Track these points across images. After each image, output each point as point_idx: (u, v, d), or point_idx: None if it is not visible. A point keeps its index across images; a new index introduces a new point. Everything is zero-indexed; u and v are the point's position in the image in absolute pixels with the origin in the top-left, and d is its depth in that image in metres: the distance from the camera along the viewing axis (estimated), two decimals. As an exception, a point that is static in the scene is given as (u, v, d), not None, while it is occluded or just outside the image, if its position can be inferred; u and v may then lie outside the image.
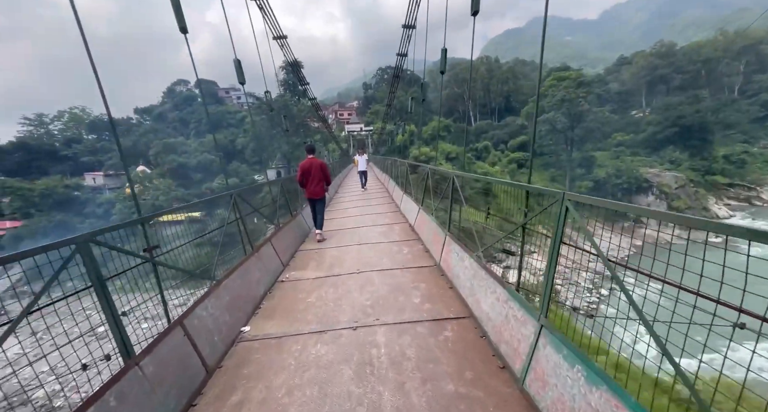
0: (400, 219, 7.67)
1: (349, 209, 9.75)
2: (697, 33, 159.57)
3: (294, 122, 44.42)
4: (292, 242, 6.00)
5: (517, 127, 49.86)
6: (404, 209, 8.18)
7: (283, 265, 5.02)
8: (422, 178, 6.83)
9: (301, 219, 7.16)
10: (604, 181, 35.71)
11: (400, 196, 9.23)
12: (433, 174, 6.05)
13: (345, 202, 11.27)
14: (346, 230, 7.02)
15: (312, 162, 6.14)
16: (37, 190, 31.65)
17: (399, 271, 4.49)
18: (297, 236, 6.34)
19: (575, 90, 37.90)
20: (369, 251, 5.42)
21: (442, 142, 40.92)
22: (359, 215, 8.58)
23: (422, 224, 5.97)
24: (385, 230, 6.65)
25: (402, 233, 6.35)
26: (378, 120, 59.01)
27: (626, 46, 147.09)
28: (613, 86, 55.19)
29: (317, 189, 6.22)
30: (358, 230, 6.94)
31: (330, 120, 66.79)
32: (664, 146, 40.04)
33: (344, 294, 3.90)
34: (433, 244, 5.06)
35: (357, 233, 6.60)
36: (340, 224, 7.78)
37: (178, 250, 2.99)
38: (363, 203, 10.62)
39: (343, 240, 6.28)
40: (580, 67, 77.37)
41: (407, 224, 6.98)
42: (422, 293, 3.80)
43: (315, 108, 18.29)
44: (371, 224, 7.42)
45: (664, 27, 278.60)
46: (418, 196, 7.25)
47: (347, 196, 12.74)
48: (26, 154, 45.25)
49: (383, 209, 9.34)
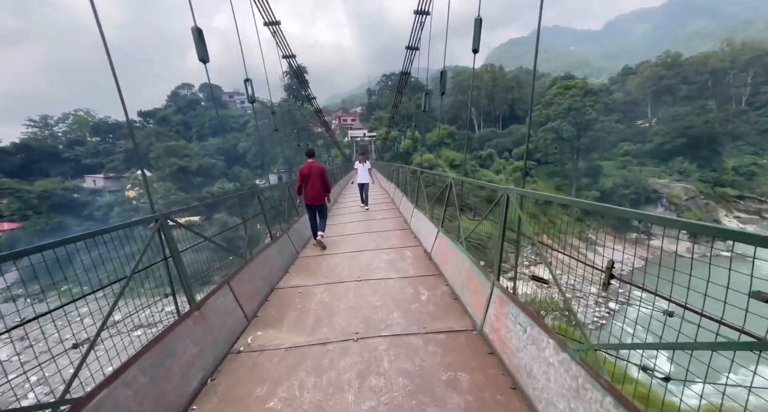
0: (410, 240, 6.22)
1: (349, 225, 8.23)
2: (702, 44, 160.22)
3: (297, 127, 44.23)
4: (267, 277, 4.34)
5: (522, 135, 49.43)
6: (416, 227, 6.66)
7: (248, 319, 3.41)
8: (438, 189, 6.21)
9: (287, 240, 5.68)
10: (611, 191, 35.03)
11: (409, 210, 7.74)
12: (455, 186, 4.65)
13: (343, 216, 9.64)
14: (341, 255, 5.55)
15: (311, 166, 5.86)
16: (36, 192, 31.34)
17: (415, 338, 2.91)
18: (275, 267, 4.73)
19: (582, 98, 37.45)
20: (372, 294, 3.87)
21: (445, 149, 40.51)
22: (360, 233, 7.14)
23: (444, 255, 4.50)
24: (394, 258, 5.18)
25: (417, 263, 4.86)
26: (381, 126, 58.86)
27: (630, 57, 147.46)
28: (618, 96, 54.82)
29: (317, 195, 5.92)
30: (358, 256, 5.44)
31: (333, 125, 66.73)
32: (672, 157, 39.41)
33: (331, 397, 2.25)
34: (466, 289, 3.48)
35: (356, 261, 5.16)
36: (334, 244, 6.37)
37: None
38: (364, 218, 9.01)
39: (336, 270, 4.84)
40: (585, 76, 77.25)
41: (421, 249, 5.55)
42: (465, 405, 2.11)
43: (317, 113, 17.85)
44: (374, 247, 5.90)
45: (668, 38, 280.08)
46: (435, 213, 6.12)
47: (346, 210, 11.04)
48: (28, 155, 45.20)
49: (389, 224, 7.90)
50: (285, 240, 5.60)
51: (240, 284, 3.59)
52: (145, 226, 2.62)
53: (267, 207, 5.42)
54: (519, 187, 2.75)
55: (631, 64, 70.15)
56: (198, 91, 58.18)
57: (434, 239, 5.09)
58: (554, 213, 35.58)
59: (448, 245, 4.38)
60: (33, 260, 1.70)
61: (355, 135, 59.07)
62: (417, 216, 6.80)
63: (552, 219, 34.59)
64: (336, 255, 5.60)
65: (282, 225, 6.18)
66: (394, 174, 12.80)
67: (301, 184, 5.88)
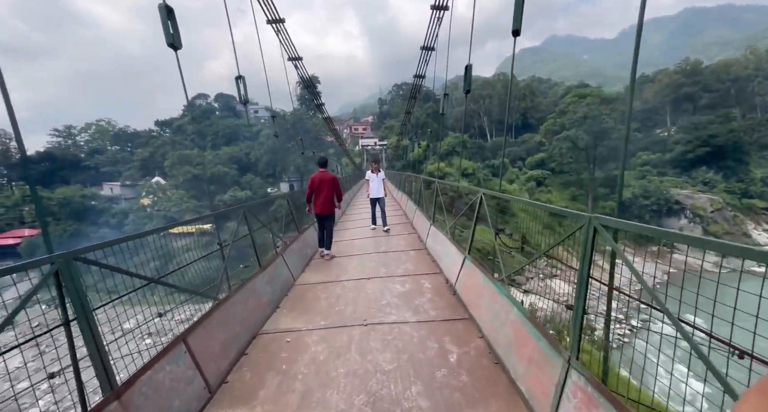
0: (427, 264, 5.23)
1: (356, 242, 7.26)
2: (721, 52, 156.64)
3: (308, 136, 44.59)
4: (249, 320, 3.37)
5: (535, 144, 48.62)
6: (434, 249, 5.65)
7: (210, 390, 2.45)
8: (460, 203, 5.57)
9: (280, 265, 4.74)
10: (630, 202, 33.71)
11: (425, 227, 6.73)
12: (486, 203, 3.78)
13: (350, 231, 8.57)
14: (345, 284, 4.63)
15: (323, 176, 5.82)
16: (56, 199, 32.21)
17: None
18: (261, 303, 3.74)
19: (598, 107, 36.57)
20: (382, 349, 2.91)
21: (457, 158, 39.94)
22: (369, 253, 6.17)
23: (475, 293, 3.46)
24: (409, 290, 4.21)
25: (438, 299, 3.86)
26: (392, 135, 58.93)
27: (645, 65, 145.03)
28: (635, 105, 53.46)
29: (326, 204, 5.85)
30: (366, 285, 4.48)
31: (345, 135, 67.22)
32: (695, 166, 37.83)
33: None
34: (513, 352, 2.48)
35: (363, 293, 4.20)
36: (337, 266, 5.43)
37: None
38: (373, 234, 7.92)
39: (337, 306, 3.87)
40: (598, 85, 76.08)
41: (441, 277, 4.56)
42: None
43: (328, 122, 17.76)
44: (385, 272, 4.93)
45: (685, 46, 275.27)
46: (458, 233, 5.47)
47: (353, 224, 9.69)
48: (52, 164, 46.84)
49: (402, 242, 6.86)
50: (278, 265, 4.64)
51: (204, 338, 2.60)
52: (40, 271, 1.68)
53: (259, 226, 4.63)
54: (603, 214, 1.88)
55: (647, 73, 68.81)
56: (213, 101, 59.70)
57: (459, 268, 4.09)
58: (570, 223, 34.38)
59: (482, 281, 3.37)
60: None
61: (365, 144, 59.31)
62: (435, 236, 5.85)
63: (567, 229, 33.43)
64: (339, 283, 4.70)
65: (284, 238, 5.67)
66: (406, 184, 11.90)
67: (311, 193, 5.82)
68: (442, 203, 6.04)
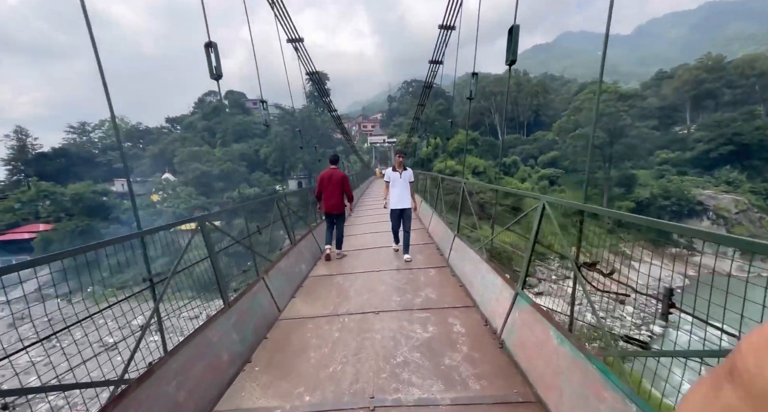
0: (453, 289, 4.08)
1: (362, 254, 6.05)
2: (743, 47, 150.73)
3: (317, 133, 44.35)
4: (195, 393, 2.22)
5: (548, 142, 47.44)
6: (461, 269, 4.44)
7: None
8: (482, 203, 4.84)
9: (261, 294, 3.59)
10: (648, 202, 32.50)
11: (446, 238, 5.57)
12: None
13: (354, 238, 7.40)
14: (344, 321, 3.46)
15: (333, 173, 5.61)
16: (68, 195, 32.67)
17: None
18: (222, 360, 2.59)
19: (615, 103, 35.31)
20: None
21: (468, 156, 39.18)
22: (377, 271, 5.00)
23: (545, 357, 2.27)
24: (434, 336, 3.02)
25: (479, 355, 2.70)
26: (401, 133, 58.30)
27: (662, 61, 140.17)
28: (653, 101, 51.65)
29: (335, 203, 5.59)
30: (373, 324, 3.32)
31: (353, 132, 66.85)
32: (717, 166, 36.26)
33: None
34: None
35: (368, 342, 3.01)
36: (336, 288, 4.41)
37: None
38: (383, 244, 6.53)
39: (330, 365, 2.72)
40: (613, 81, 74.11)
41: (475, 313, 3.40)
42: None
43: (337, 120, 17.39)
44: (398, 304, 3.77)
45: (704, 41, 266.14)
46: (493, 251, 4.78)
47: (358, 229, 8.29)
48: (66, 160, 47.68)
49: (419, 256, 5.59)
50: (257, 293, 3.47)
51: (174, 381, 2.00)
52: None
53: (224, 245, 3.63)
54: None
55: (665, 69, 66.48)
56: (223, 99, 59.96)
57: (507, 309, 2.88)
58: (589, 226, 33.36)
59: (555, 341, 2.19)
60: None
61: (374, 141, 58.88)
62: (461, 251, 4.66)
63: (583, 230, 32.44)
64: (337, 318, 3.45)
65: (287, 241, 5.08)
66: (420, 183, 10.83)
67: (320, 191, 5.63)
68: (472, 209, 4.90)
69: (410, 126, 29.04)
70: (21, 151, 46.48)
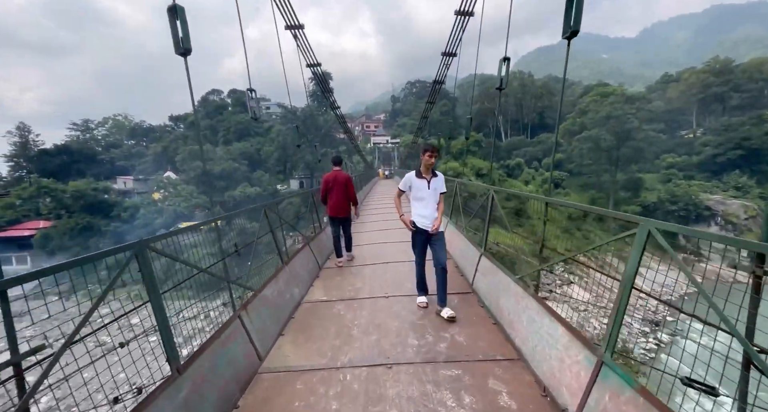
0: (486, 328, 3.18)
1: (365, 270, 5.18)
2: (750, 51, 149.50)
3: (319, 132, 44.05)
4: None
5: (552, 144, 46.95)
6: (493, 299, 3.53)
7: None
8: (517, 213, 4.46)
9: (237, 333, 2.72)
10: (655, 206, 31.99)
11: (469, 257, 4.64)
12: None
13: (359, 257, 5.93)
14: (342, 378, 2.55)
15: (337, 175, 5.37)
16: (69, 192, 32.50)
17: None
18: None
19: (622, 106, 34.83)
20: None
21: (472, 158, 38.84)
22: (385, 296, 4.12)
23: None
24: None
25: None
26: (405, 133, 57.90)
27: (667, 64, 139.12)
28: (658, 104, 51.13)
29: (341, 206, 5.35)
30: (383, 390, 2.38)
31: (356, 132, 66.57)
32: (726, 170, 35.70)
33: None
34: None
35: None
36: (329, 333, 3.28)
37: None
38: (390, 258, 5.62)
39: None
40: (619, 84, 73.53)
41: (524, 370, 2.54)
42: None
43: (340, 117, 17.06)
44: (414, 354, 2.82)
45: (710, 45, 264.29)
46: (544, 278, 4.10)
47: (363, 243, 6.83)
48: (69, 157, 47.61)
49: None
50: (228, 344, 2.52)
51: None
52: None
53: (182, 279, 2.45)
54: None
55: (671, 72, 65.98)
56: (226, 97, 59.79)
57: (586, 382, 1.99)
58: (589, 228, 32.97)
59: None
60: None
61: (377, 141, 58.53)
62: (491, 276, 3.70)
63: (586, 235, 32.05)
64: (334, 375, 2.58)
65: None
66: None
67: (325, 194, 5.41)
68: (506, 222, 3.84)
69: (417, 126, 28.66)
70: (23, 148, 46.48)
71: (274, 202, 4.75)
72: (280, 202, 5.75)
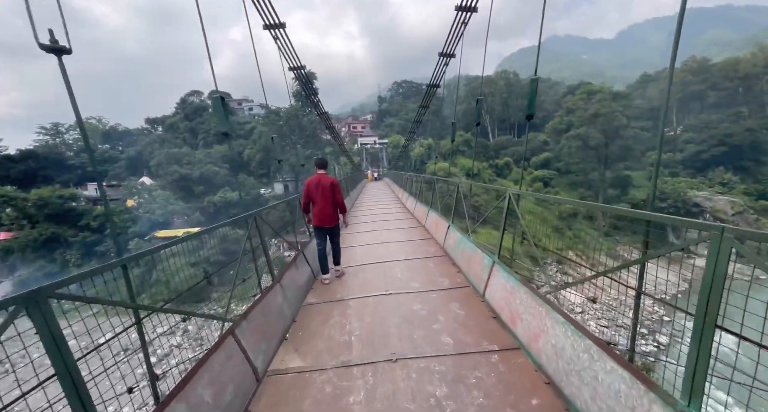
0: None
1: (361, 301, 4.26)
2: (721, 52, 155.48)
3: (304, 134, 42.64)
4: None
5: (540, 143, 46.97)
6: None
7: None
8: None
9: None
10: (645, 203, 31.99)
11: (476, 265, 4.25)
12: None
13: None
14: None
15: (321, 179, 4.72)
16: (31, 200, 30.08)
17: None
18: None
19: (610, 103, 34.85)
20: None
21: (461, 157, 38.22)
22: (396, 357, 3.08)
23: None
24: None
25: None
26: (392, 133, 57.03)
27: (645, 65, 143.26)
28: (639, 103, 52.10)
29: (326, 214, 4.70)
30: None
31: (343, 133, 65.27)
32: (709, 167, 36.21)
33: None
34: None
35: None
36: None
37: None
38: (387, 266, 5.26)
39: None
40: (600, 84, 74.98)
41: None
42: None
43: (325, 119, 15.93)
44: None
45: (685, 46, 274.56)
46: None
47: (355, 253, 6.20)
48: (35, 163, 44.60)
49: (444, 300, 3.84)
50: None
51: None
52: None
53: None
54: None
55: (649, 72, 67.84)
56: (207, 99, 57.65)
57: None
58: (580, 227, 32.77)
59: None
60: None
61: (365, 142, 57.46)
62: (508, 287, 3.26)
63: (578, 234, 31.80)
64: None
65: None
66: (407, 184, 9.81)
67: (308, 201, 4.77)
68: (526, 231, 3.32)
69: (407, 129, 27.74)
70: (-16, 154, 43.28)
71: (261, 210, 3.96)
72: (272, 206, 4.93)
